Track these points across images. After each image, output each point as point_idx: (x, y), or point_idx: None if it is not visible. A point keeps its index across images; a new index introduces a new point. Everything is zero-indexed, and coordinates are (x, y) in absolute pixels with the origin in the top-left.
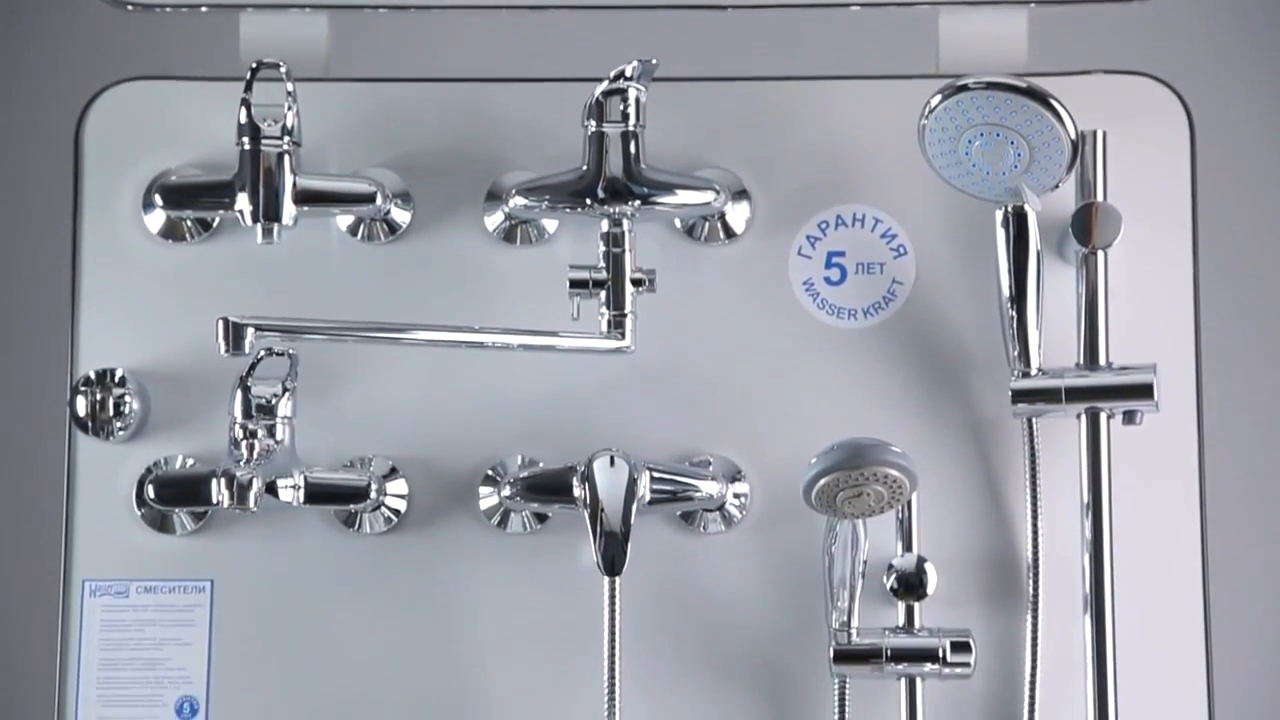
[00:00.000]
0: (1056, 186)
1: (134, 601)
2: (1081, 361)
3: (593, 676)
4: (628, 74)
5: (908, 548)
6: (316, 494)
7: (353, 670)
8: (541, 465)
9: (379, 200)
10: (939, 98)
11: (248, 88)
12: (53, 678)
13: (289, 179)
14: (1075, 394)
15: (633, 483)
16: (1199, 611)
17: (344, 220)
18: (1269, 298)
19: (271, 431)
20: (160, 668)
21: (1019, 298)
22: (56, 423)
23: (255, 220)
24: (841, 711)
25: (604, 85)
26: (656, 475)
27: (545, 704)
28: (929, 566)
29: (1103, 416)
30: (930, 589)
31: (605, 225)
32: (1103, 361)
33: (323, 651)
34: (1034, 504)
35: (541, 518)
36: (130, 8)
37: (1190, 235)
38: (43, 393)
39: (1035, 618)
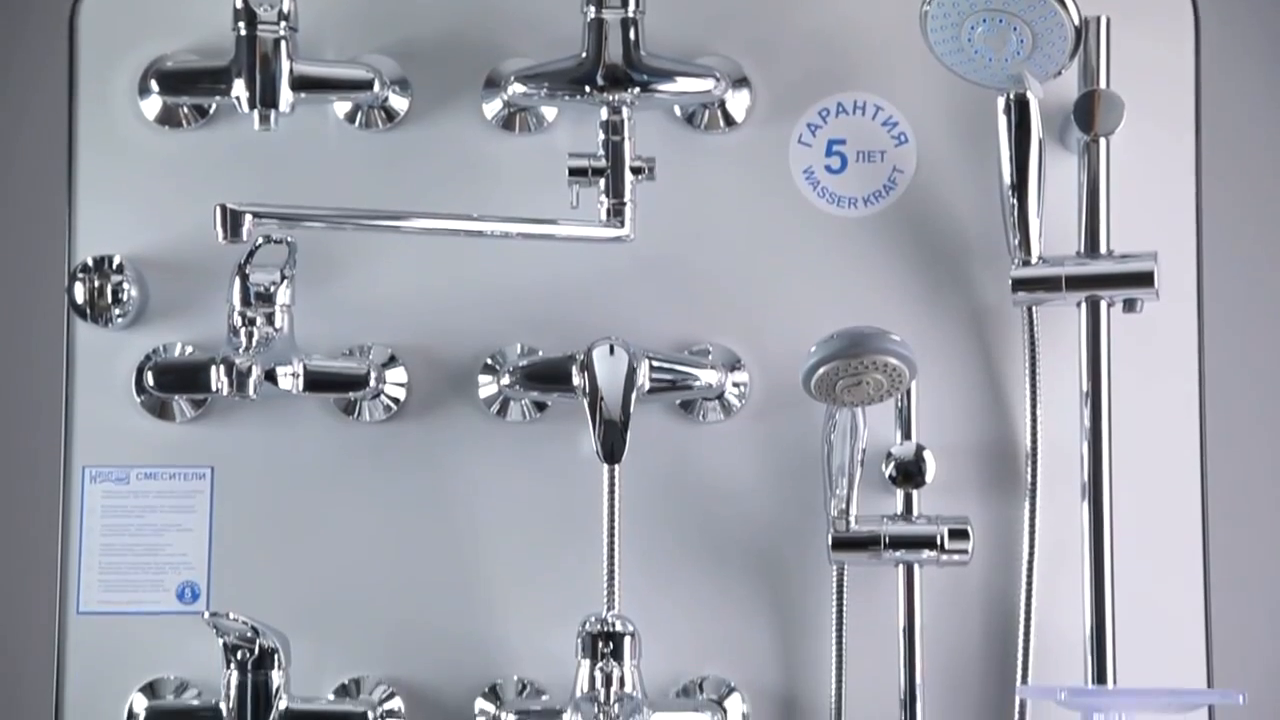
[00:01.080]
0: (1059, 73)
1: (134, 488)
2: (1082, 250)
3: (592, 564)
4: None
5: (906, 436)
6: (316, 382)
7: (352, 557)
8: (541, 354)
9: (377, 87)
10: None
11: None
12: (54, 563)
13: (285, 65)
14: (1075, 282)
15: (632, 371)
16: (1196, 499)
17: (341, 107)
18: (1271, 186)
19: (270, 319)
20: (161, 553)
21: (1020, 185)
22: (55, 310)
23: (252, 107)
24: (839, 598)
25: None
26: (656, 364)
27: (544, 590)
28: (928, 454)
29: (1103, 305)
30: (929, 477)
31: (604, 113)
32: (1103, 249)
33: (323, 538)
34: (1033, 392)
35: (541, 406)
36: None
37: (1193, 125)
38: (41, 280)
39: (1033, 505)
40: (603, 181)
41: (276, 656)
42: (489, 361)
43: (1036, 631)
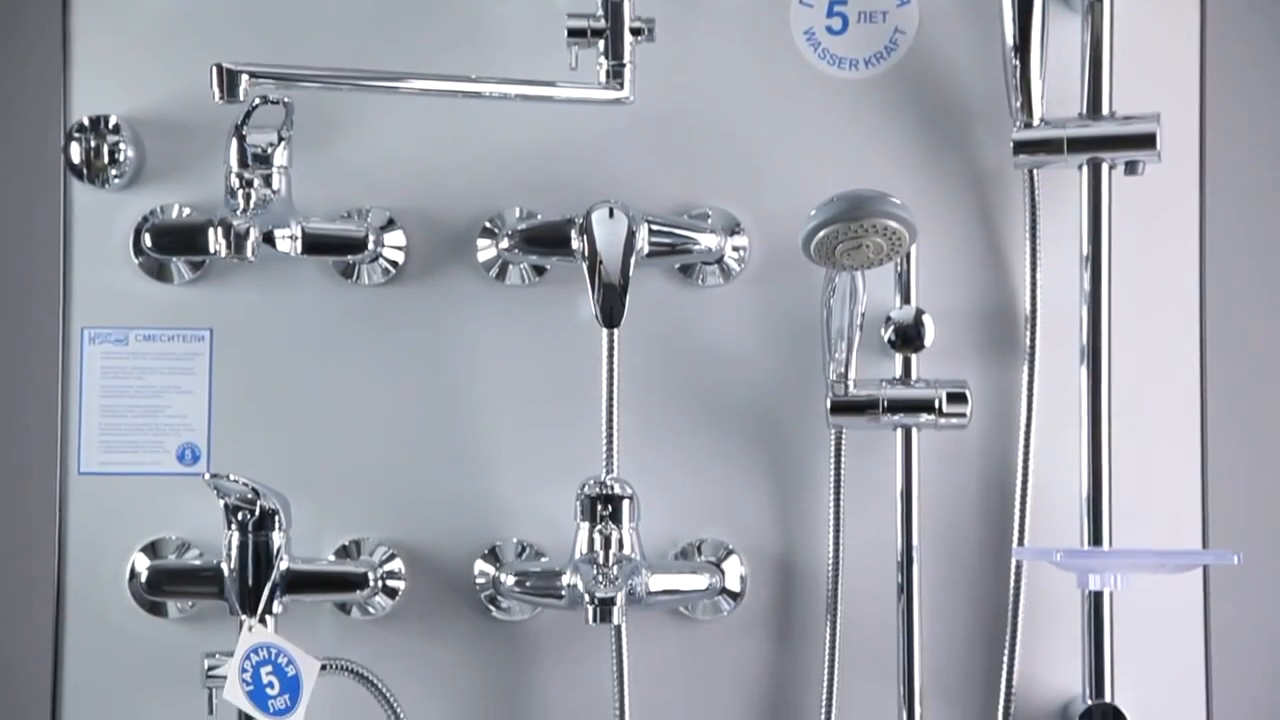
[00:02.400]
0: None
1: (134, 349)
2: (1084, 112)
3: (591, 427)
4: None
5: (906, 300)
6: (314, 244)
7: (352, 419)
8: (539, 217)
9: None
10: None
11: None
12: (55, 423)
13: None
14: (1077, 144)
15: (631, 235)
16: (1194, 363)
17: None
18: (1277, 47)
19: (268, 181)
20: (161, 415)
21: (1023, 46)
22: (51, 170)
23: None
24: (838, 462)
25: None
26: (655, 227)
27: (543, 453)
28: (927, 318)
29: (1104, 167)
30: (928, 341)
31: None
32: (1106, 111)
33: (322, 401)
34: (1033, 256)
35: (540, 270)
36: None
37: None
38: (36, 139)
39: (1032, 369)
40: (602, 43)
41: (277, 518)
42: (487, 225)
43: (1033, 494)
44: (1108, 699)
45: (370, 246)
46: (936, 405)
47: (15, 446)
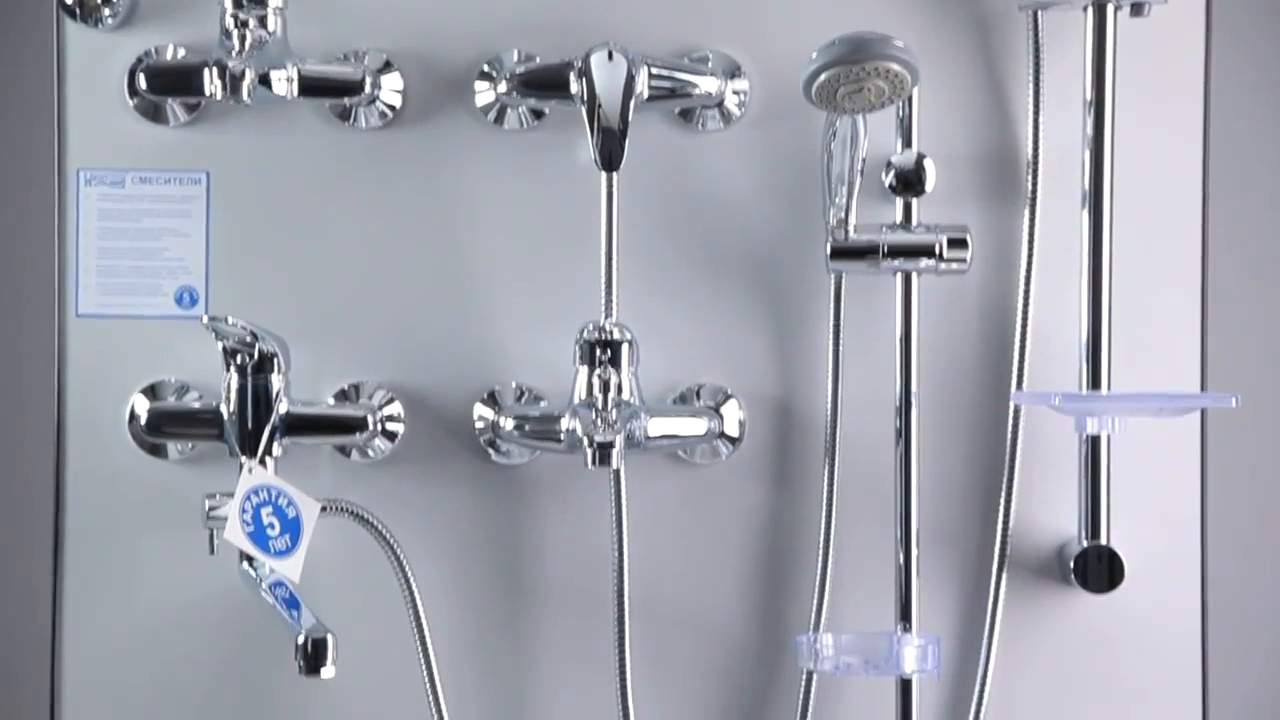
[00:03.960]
0: None
1: (130, 192)
2: None
3: (590, 272)
4: None
5: (907, 144)
6: (310, 87)
7: (350, 263)
8: (538, 60)
9: None
10: None
11: None
12: (52, 265)
13: None
14: None
15: (630, 78)
16: (1196, 208)
17: None
18: None
19: (263, 21)
20: (158, 258)
21: None
22: (43, 8)
23: None
24: (837, 307)
25: None
26: (655, 71)
27: (542, 297)
28: (928, 163)
29: (1109, 8)
30: (929, 185)
31: None
32: None
33: (320, 244)
34: (1036, 100)
35: (538, 114)
36: None
37: None
38: None
39: (1033, 214)
40: None
41: (276, 361)
42: (485, 68)
43: (1033, 339)
44: (1103, 542)
45: (367, 89)
46: (937, 250)
47: (12, 289)
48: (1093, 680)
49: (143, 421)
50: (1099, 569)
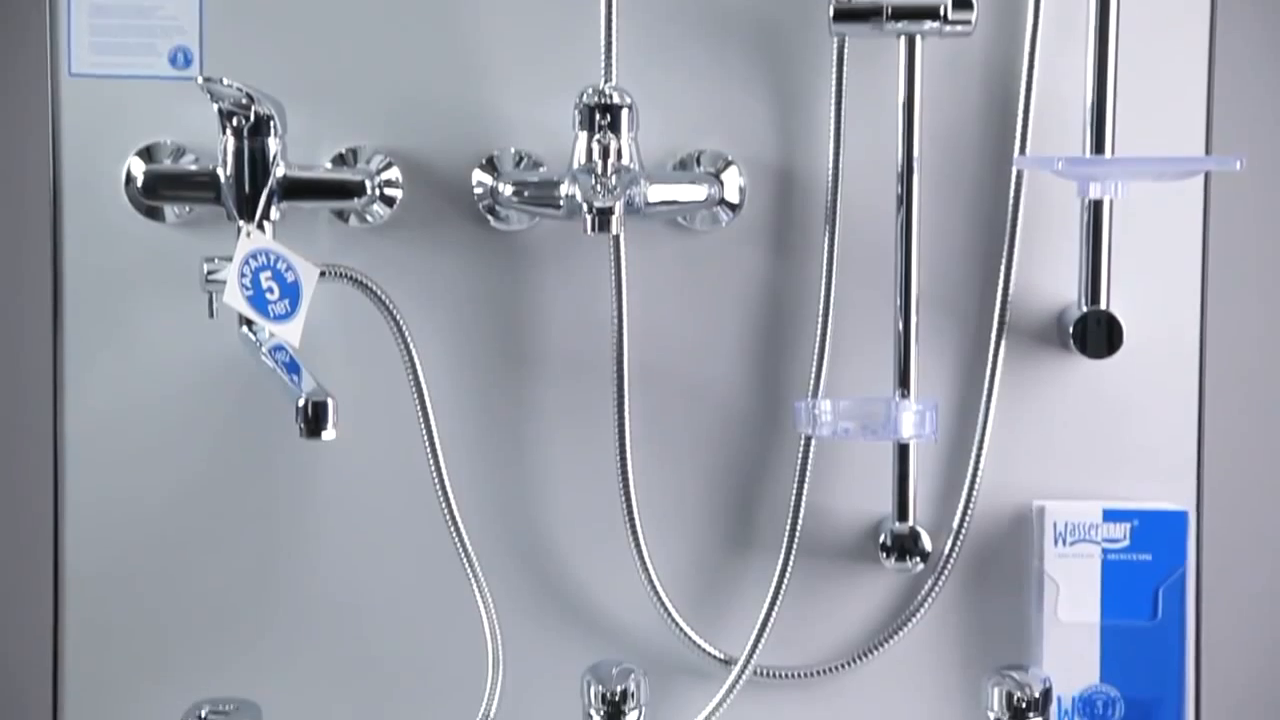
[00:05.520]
0: None
1: None
2: None
3: (590, 36)
4: None
5: None
6: None
7: (347, 25)
8: None
9: None
10: None
11: None
12: (44, 23)
13: None
14: None
15: None
16: None
17: None
18: None
19: None
20: (153, 16)
21: None
22: None
23: None
24: (839, 72)
25: None
26: None
27: (542, 61)
28: None
29: None
30: None
31: None
32: None
33: (318, 5)
34: None
35: None
36: None
37: None
38: None
39: None
40: None
41: (272, 123)
42: None
43: (1037, 104)
44: (1103, 307)
45: None
46: (941, 11)
47: (5, 46)
48: (1089, 445)
49: (139, 184)
50: (1098, 334)
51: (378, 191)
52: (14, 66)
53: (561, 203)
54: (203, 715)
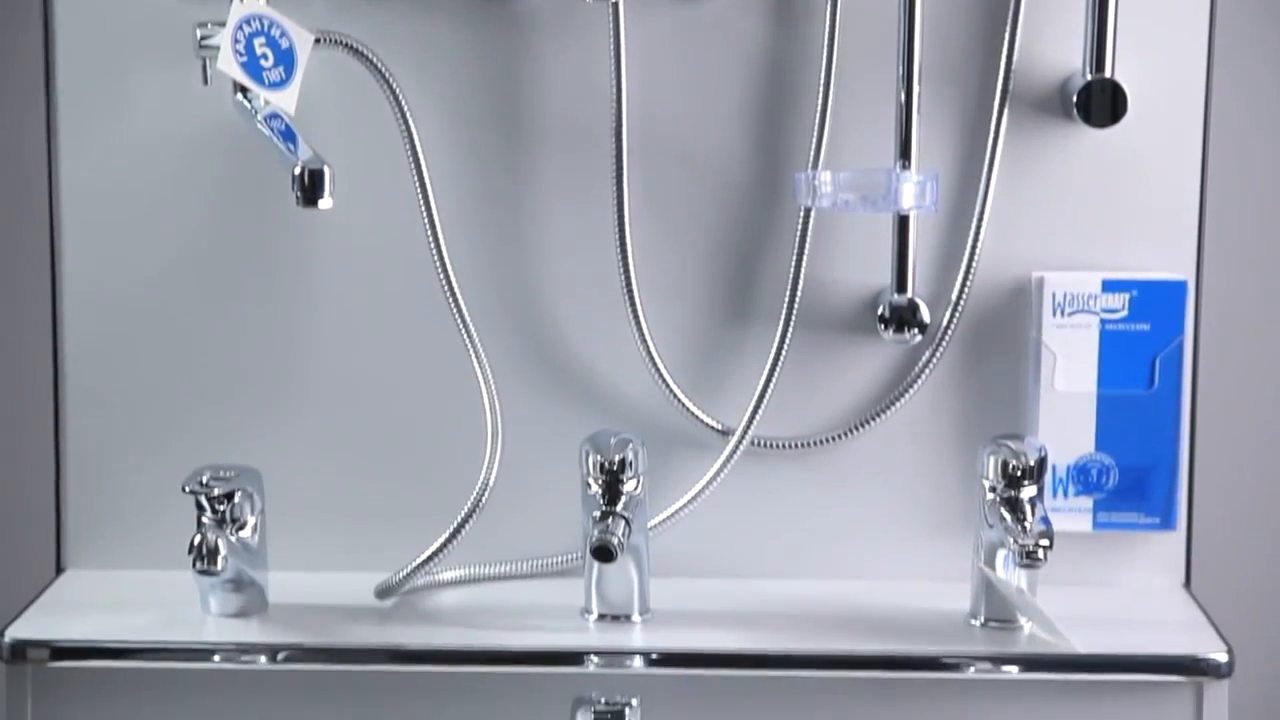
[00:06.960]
0: None
1: None
2: None
3: None
4: None
5: None
6: None
7: None
8: None
9: None
10: None
11: None
12: None
13: None
14: None
15: None
16: None
17: None
18: None
19: None
20: None
21: None
22: None
23: None
24: None
25: None
26: None
27: None
28: None
29: None
30: None
31: None
32: None
33: None
34: None
35: None
36: None
37: None
38: None
39: None
40: None
41: None
42: None
43: None
44: (1108, 75)
45: None
46: None
47: None
48: (1091, 215)
49: None
50: (1102, 102)
51: None
52: None
53: None
54: (204, 480)
